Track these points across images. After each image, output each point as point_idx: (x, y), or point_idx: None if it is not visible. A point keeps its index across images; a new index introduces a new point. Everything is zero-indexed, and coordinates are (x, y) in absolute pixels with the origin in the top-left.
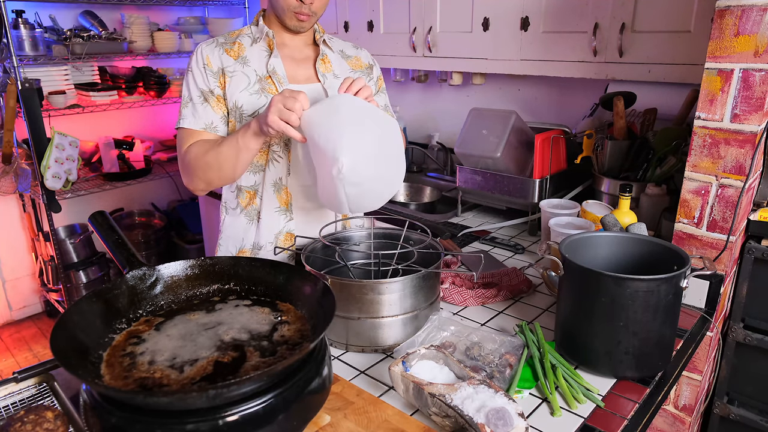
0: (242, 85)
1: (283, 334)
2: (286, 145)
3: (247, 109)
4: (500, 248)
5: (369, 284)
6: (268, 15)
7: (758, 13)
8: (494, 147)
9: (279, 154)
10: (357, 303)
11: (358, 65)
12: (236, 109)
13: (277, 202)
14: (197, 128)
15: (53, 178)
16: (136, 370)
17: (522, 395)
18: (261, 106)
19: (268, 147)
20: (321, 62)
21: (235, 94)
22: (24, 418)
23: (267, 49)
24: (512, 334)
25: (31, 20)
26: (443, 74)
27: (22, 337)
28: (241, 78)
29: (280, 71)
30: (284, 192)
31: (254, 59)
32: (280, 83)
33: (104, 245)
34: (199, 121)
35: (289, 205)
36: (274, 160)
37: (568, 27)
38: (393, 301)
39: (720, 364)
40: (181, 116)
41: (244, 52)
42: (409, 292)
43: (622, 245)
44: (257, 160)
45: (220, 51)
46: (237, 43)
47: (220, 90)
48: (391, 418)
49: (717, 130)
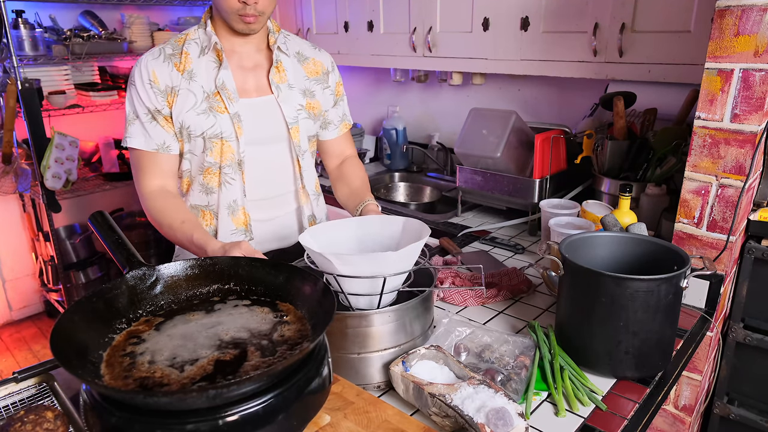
0: (188, 105)
1: (283, 334)
2: (239, 166)
3: (195, 129)
4: (500, 248)
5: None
6: (214, 16)
7: (758, 13)
8: (494, 147)
9: (231, 176)
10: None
11: (315, 71)
12: (183, 130)
13: (233, 224)
14: (149, 149)
15: (53, 178)
16: (136, 369)
17: (540, 397)
18: (209, 126)
19: (219, 169)
20: (275, 71)
21: (182, 114)
22: (24, 418)
23: (216, 59)
24: (521, 333)
25: (31, 20)
26: (443, 74)
27: (22, 337)
28: (186, 96)
29: (230, 85)
30: (241, 213)
31: (201, 73)
32: (230, 99)
33: (104, 245)
34: (150, 141)
35: (248, 225)
36: (227, 183)
37: (568, 27)
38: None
39: (720, 364)
40: (128, 133)
41: (190, 65)
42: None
43: (622, 245)
44: (208, 183)
45: (168, 66)
46: (184, 54)
47: (168, 109)
48: (391, 418)
49: (717, 130)
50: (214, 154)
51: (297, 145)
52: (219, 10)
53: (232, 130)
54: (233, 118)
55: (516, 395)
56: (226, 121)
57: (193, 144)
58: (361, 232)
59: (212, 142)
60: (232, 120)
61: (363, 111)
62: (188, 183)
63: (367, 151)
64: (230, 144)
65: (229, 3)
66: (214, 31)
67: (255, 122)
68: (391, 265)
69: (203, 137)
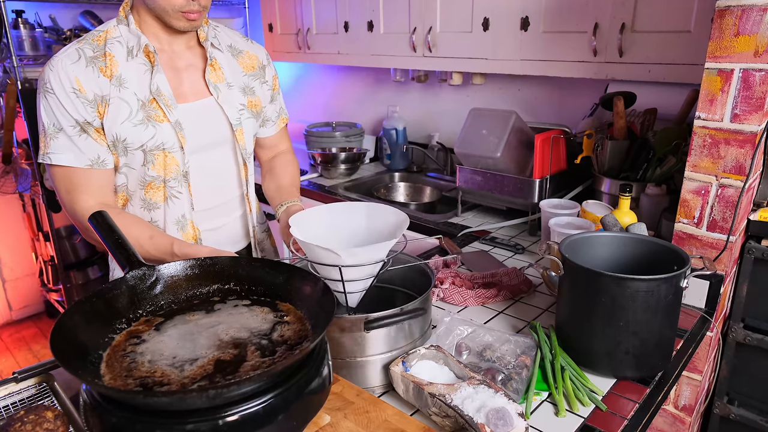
0: (122, 116)
1: (283, 334)
2: (185, 177)
3: (132, 142)
4: (500, 248)
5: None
6: (137, 9)
7: (758, 13)
8: (494, 147)
9: (178, 190)
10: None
11: (251, 66)
12: (118, 143)
13: (182, 240)
14: (82, 165)
15: None
16: (136, 369)
17: (540, 396)
18: (149, 138)
19: (164, 182)
20: (211, 70)
21: (115, 126)
22: (24, 418)
23: (147, 62)
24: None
25: (31, 20)
26: (443, 74)
27: (22, 337)
28: (119, 106)
29: (166, 91)
30: (190, 227)
31: (132, 78)
32: (168, 106)
33: (104, 245)
34: (82, 157)
35: (198, 239)
36: (173, 197)
37: (568, 27)
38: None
39: (720, 364)
40: (49, 149)
41: (117, 70)
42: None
43: (622, 245)
44: (151, 198)
45: (94, 72)
46: (108, 56)
47: (99, 121)
48: (391, 418)
49: (717, 130)
50: (157, 167)
51: (243, 148)
52: (151, 6)
53: (175, 139)
54: (174, 127)
55: (516, 395)
56: (167, 131)
57: (131, 158)
58: (331, 220)
59: (154, 155)
60: (174, 129)
61: (363, 111)
62: (125, 198)
63: (367, 151)
64: (173, 155)
65: (171, 0)
66: (138, 28)
67: (197, 129)
68: (385, 251)
69: (143, 150)
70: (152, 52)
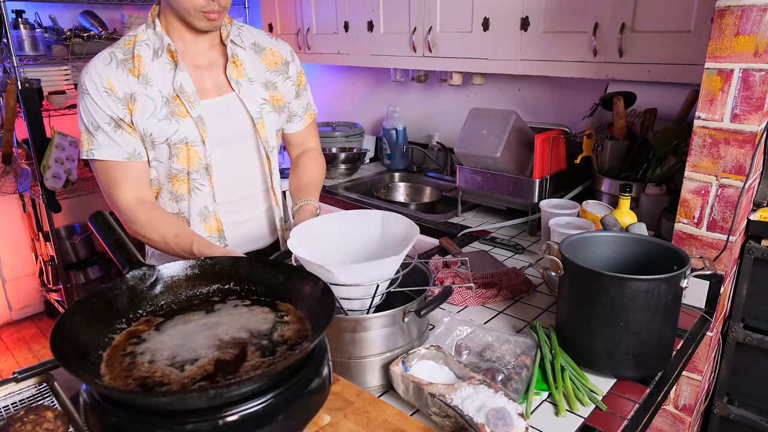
0: (148, 111)
1: (283, 334)
2: (207, 170)
3: (158, 136)
4: (500, 248)
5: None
6: (163, 12)
7: (758, 13)
8: (494, 147)
9: (200, 182)
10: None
11: (273, 62)
12: (146, 137)
13: (206, 231)
14: (120, 159)
15: (53, 178)
16: (136, 369)
17: (540, 396)
18: (173, 132)
19: (188, 175)
20: (232, 66)
21: (142, 121)
22: (24, 418)
23: (170, 61)
24: (522, 333)
25: (31, 20)
26: (443, 74)
27: (22, 337)
28: (145, 102)
29: (189, 88)
30: (213, 219)
31: (157, 77)
32: (191, 102)
33: (104, 245)
34: (119, 150)
35: (221, 231)
36: (196, 189)
37: (568, 27)
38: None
39: (720, 364)
40: (92, 146)
41: (144, 69)
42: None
43: (622, 245)
44: (177, 190)
45: (123, 72)
46: (136, 57)
47: (130, 117)
48: (391, 418)
49: (717, 130)
50: (181, 160)
51: (265, 141)
52: (175, 8)
53: (196, 134)
54: (196, 122)
55: (516, 395)
56: (190, 126)
57: (158, 151)
58: (340, 229)
59: (177, 149)
60: (196, 124)
61: (363, 111)
62: (157, 191)
63: (367, 151)
64: (196, 149)
65: (193, 1)
66: (164, 30)
67: (219, 123)
68: (389, 269)
69: (168, 144)
70: (174, 52)
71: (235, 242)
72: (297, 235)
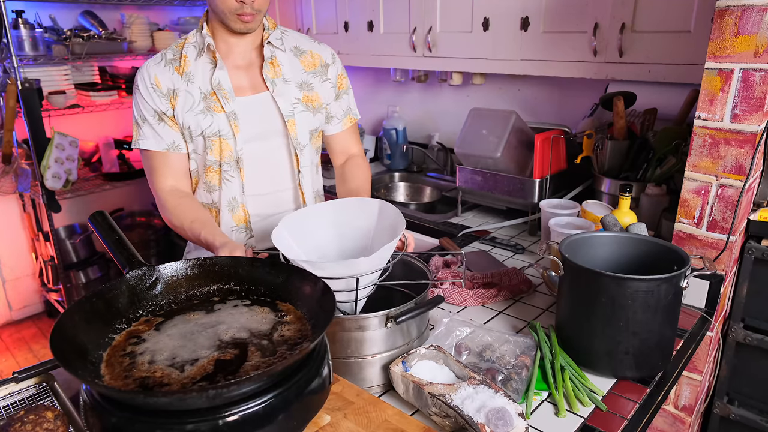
0: (187, 105)
1: (283, 334)
2: (237, 163)
3: (195, 129)
4: (500, 248)
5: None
6: (211, 19)
7: (758, 13)
8: (494, 147)
9: (230, 174)
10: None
11: (312, 64)
12: (185, 130)
13: (233, 221)
14: (161, 149)
15: (53, 178)
16: (136, 369)
17: (540, 396)
18: (208, 125)
19: (220, 167)
20: (269, 66)
21: (181, 114)
22: (24, 418)
23: (211, 60)
24: (521, 333)
25: (31, 20)
26: (443, 74)
27: (22, 337)
28: (186, 98)
29: (226, 85)
30: (241, 210)
31: (198, 74)
32: (226, 99)
33: (104, 245)
34: (161, 142)
35: (248, 222)
36: (226, 180)
37: (568, 27)
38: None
39: (720, 364)
40: (139, 136)
41: (188, 67)
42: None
43: (622, 245)
44: (210, 181)
45: (169, 70)
46: (183, 57)
47: (172, 111)
48: (391, 418)
49: (717, 130)
50: (214, 152)
51: (294, 138)
52: (215, 11)
53: (228, 128)
54: (229, 117)
55: (516, 395)
56: (223, 120)
57: (196, 143)
58: (336, 218)
59: (211, 141)
60: (228, 118)
61: (363, 111)
62: (195, 182)
63: (367, 151)
64: (227, 142)
65: (227, 4)
66: (210, 33)
67: (251, 119)
68: (365, 267)
69: (203, 136)
70: (214, 51)
71: (261, 235)
72: (287, 223)
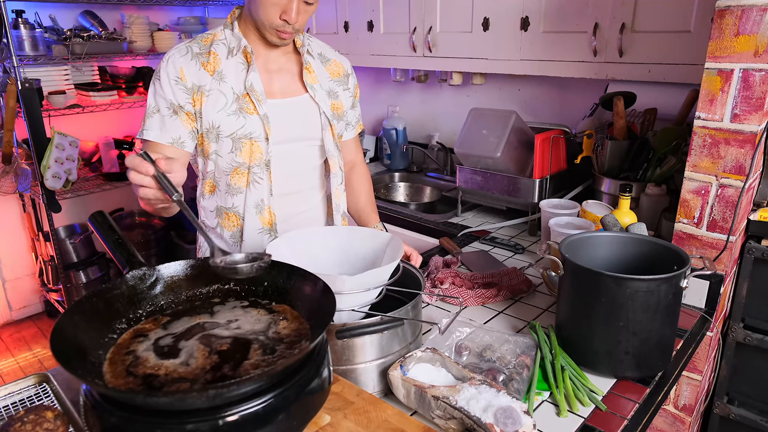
0: (219, 105)
1: (283, 334)
2: (267, 165)
3: (225, 130)
4: (500, 248)
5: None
6: (244, 18)
7: (758, 13)
8: (494, 147)
9: (260, 176)
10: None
11: (337, 73)
12: (213, 129)
13: (259, 223)
14: (163, 142)
15: (53, 178)
16: (141, 366)
17: (541, 396)
18: (239, 127)
19: (248, 169)
20: (306, 72)
21: (212, 114)
22: (24, 418)
23: (244, 62)
24: (521, 333)
25: (31, 20)
26: (443, 74)
27: (22, 337)
28: (218, 97)
29: (258, 88)
30: (267, 212)
31: (231, 74)
32: (258, 101)
33: (104, 245)
34: (165, 134)
35: (273, 224)
36: (255, 182)
37: (568, 27)
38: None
39: (720, 364)
40: (145, 126)
41: (219, 66)
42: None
43: (622, 245)
44: (235, 183)
45: (196, 65)
46: (212, 54)
47: (192, 107)
48: (391, 418)
49: (717, 130)
50: (244, 154)
51: (330, 142)
52: (255, 18)
53: (261, 130)
54: (263, 119)
55: (518, 395)
56: (256, 122)
57: (221, 144)
58: (346, 243)
59: (242, 143)
60: (262, 121)
61: (363, 111)
62: (212, 185)
63: (367, 151)
64: (259, 144)
65: (270, 18)
66: (241, 33)
67: (282, 123)
68: (348, 287)
69: (232, 138)
70: (250, 53)
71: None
72: (290, 238)
